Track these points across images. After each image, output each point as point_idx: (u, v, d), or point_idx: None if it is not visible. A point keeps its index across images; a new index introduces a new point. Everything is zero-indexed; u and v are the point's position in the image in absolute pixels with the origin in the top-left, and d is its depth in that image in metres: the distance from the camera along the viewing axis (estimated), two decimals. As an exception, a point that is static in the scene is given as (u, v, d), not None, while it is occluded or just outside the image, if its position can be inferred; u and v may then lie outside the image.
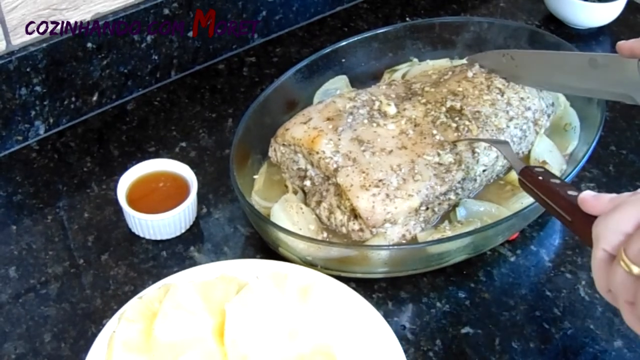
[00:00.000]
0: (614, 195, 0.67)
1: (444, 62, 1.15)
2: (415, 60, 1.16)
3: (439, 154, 0.95)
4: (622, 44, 0.85)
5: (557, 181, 0.78)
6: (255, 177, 1.03)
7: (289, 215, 0.95)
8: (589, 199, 0.69)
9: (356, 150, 0.95)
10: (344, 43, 1.13)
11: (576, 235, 0.71)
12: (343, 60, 1.13)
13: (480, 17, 1.32)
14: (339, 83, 1.12)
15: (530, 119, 1.02)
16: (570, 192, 0.74)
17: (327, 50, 1.12)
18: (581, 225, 0.70)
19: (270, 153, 1.03)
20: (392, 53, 1.16)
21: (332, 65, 1.12)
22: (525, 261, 0.97)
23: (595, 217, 0.67)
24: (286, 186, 1.02)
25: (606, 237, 0.64)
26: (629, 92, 0.89)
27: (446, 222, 0.97)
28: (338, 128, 0.97)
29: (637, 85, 0.87)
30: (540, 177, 0.80)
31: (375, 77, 1.15)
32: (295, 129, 0.99)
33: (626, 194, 0.66)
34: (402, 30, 1.16)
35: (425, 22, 1.18)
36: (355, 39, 1.14)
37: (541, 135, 1.04)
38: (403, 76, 1.13)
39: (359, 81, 1.13)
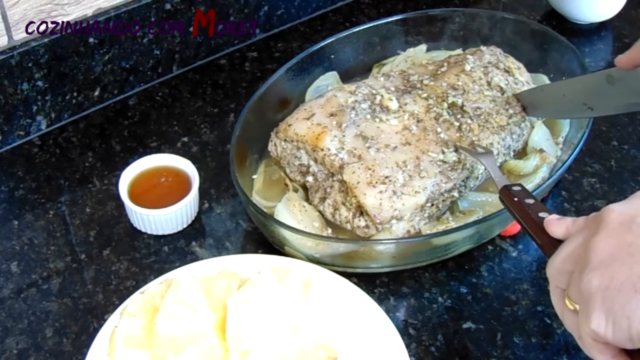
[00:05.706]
0: (575, 218, 0.69)
1: (422, 47, 1.16)
2: (403, 53, 1.16)
3: (443, 152, 0.95)
4: (620, 59, 0.83)
5: (532, 201, 0.79)
6: (254, 177, 1.02)
7: (292, 214, 0.94)
8: (553, 222, 0.71)
9: (361, 146, 0.95)
10: (332, 39, 1.12)
11: (547, 257, 0.72)
12: (332, 56, 1.13)
13: (476, 9, 1.31)
14: (330, 79, 1.12)
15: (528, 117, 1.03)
16: (541, 214, 0.75)
17: (316, 47, 1.11)
18: (548, 248, 0.71)
19: (270, 147, 1.02)
20: (380, 47, 1.16)
21: (321, 62, 1.12)
22: (526, 256, 0.97)
23: (560, 241, 0.69)
24: (286, 184, 1.01)
25: (555, 277, 0.67)
26: None
27: (448, 212, 0.97)
28: (342, 124, 0.97)
29: None
30: (516, 198, 0.81)
31: (365, 72, 1.15)
32: (299, 125, 0.98)
33: (582, 218, 0.68)
34: (389, 24, 1.16)
35: (413, 15, 1.18)
36: (343, 34, 1.13)
37: (539, 126, 1.04)
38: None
39: (349, 77, 1.13)
